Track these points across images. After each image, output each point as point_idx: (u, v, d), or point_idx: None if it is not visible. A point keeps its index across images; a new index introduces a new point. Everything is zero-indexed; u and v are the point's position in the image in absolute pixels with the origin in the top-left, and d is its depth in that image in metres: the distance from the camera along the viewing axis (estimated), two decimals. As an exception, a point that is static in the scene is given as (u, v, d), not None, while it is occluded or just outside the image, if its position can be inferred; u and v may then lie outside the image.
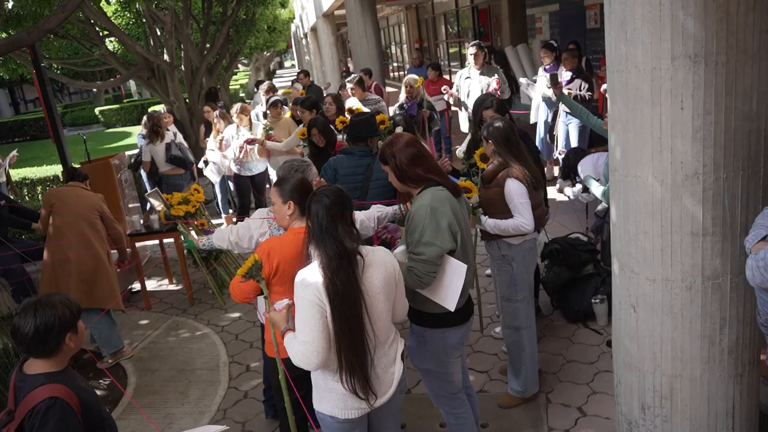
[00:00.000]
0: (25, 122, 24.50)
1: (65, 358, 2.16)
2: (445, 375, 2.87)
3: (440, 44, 19.02)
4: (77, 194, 4.73)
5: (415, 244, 2.62)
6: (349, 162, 4.01)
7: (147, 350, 4.96)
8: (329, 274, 2.17)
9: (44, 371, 2.09)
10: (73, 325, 2.12)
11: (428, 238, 2.59)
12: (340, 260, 2.19)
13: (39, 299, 2.11)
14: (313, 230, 2.26)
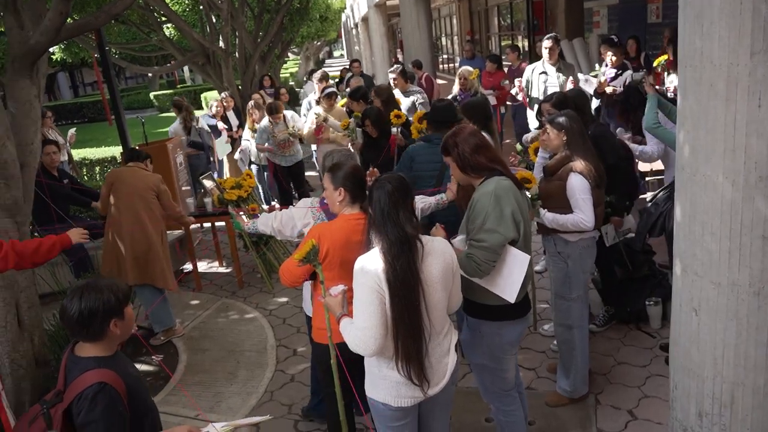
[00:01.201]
0: (84, 104, 25.31)
1: (113, 343, 2.15)
2: (499, 371, 2.85)
3: (492, 37, 18.78)
4: (135, 174, 4.83)
5: (477, 230, 2.60)
6: (426, 150, 3.99)
7: (198, 330, 5.08)
8: (390, 260, 2.18)
9: (94, 355, 2.09)
10: (119, 312, 2.09)
11: (491, 225, 2.57)
12: (401, 246, 2.20)
13: (87, 283, 2.10)
14: (375, 216, 2.27)
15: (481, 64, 9.61)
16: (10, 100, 3.96)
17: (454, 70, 22.42)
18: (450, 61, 24.15)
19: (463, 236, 2.74)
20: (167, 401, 4.08)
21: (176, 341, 4.89)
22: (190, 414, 3.92)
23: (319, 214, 3.24)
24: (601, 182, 3.35)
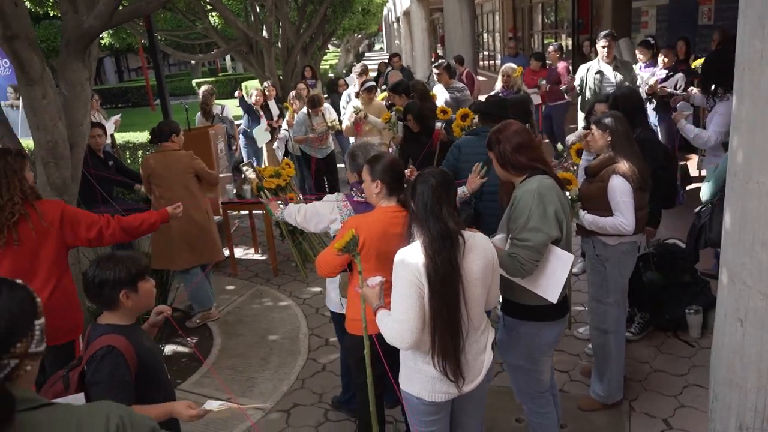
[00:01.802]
0: (128, 89, 25.84)
1: (129, 314, 2.24)
2: (535, 372, 2.83)
3: (535, 34, 18.54)
4: (167, 161, 4.77)
5: (520, 229, 2.57)
6: (474, 142, 3.97)
7: (232, 314, 5.16)
8: (431, 254, 2.17)
9: (111, 322, 2.20)
10: (130, 284, 2.18)
11: (535, 224, 2.54)
12: (443, 241, 2.19)
13: (108, 254, 2.23)
14: (417, 210, 2.26)
15: (525, 61, 9.50)
16: (62, 82, 4.06)
17: (494, 67, 22.24)
18: (490, 58, 23.96)
19: (503, 235, 2.72)
20: (201, 383, 4.15)
21: (211, 325, 4.97)
22: (223, 397, 3.98)
23: (346, 210, 3.22)
24: (645, 186, 3.27)
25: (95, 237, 3.18)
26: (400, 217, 2.69)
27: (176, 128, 4.88)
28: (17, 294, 1.35)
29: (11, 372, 1.27)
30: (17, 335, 1.29)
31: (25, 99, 3.84)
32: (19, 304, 1.33)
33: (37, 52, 3.78)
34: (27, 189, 3.02)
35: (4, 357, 1.26)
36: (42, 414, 1.28)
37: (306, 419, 3.72)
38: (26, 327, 1.32)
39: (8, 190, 2.92)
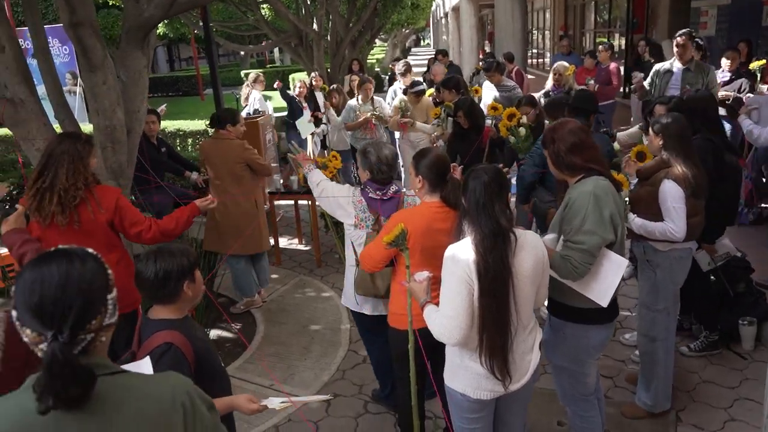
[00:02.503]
0: (179, 78, 26.41)
1: (184, 306, 2.21)
2: (581, 375, 2.78)
3: (587, 33, 18.16)
4: (219, 148, 4.84)
5: (575, 231, 2.53)
6: None
7: (275, 303, 5.23)
8: (482, 252, 2.16)
9: (165, 317, 2.16)
10: (190, 274, 2.15)
11: (590, 227, 2.50)
12: (495, 238, 2.17)
13: (160, 247, 2.17)
14: (469, 206, 2.25)
15: (578, 60, 9.32)
16: (122, 69, 4.16)
17: (542, 65, 21.87)
18: (539, 56, 23.57)
19: (554, 235, 2.68)
20: (244, 368, 4.23)
21: (255, 312, 5.05)
22: (265, 383, 4.05)
23: (360, 206, 3.22)
24: (700, 192, 3.15)
25: (134, 235, 3.27)
26: (444, 213, 2.69)
27: (233, 117, 4.91)
28: (91, 265, 1.35)
29: (87, 344, 1.30)
30: (92, 312, 1.30)
31: (87, 84, 3.97)
32: (93, 276, 1.34)
33: (99, 39, 3.89)
34: (89, 175, 3.12)
35: (80, 333, 1.28)
36: (116, 380, 1.32)
37: (346, 410, 3.74)
38: (100, 302, 1.33)
39: (73, 175, 3.02)
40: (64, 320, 1.26)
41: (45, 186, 3.00)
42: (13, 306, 1.29)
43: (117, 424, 1.29)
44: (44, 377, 1.21)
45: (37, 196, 3.01)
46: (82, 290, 1.30)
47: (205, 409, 1.42)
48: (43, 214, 3.01)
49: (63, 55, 11.50)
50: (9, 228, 2.61)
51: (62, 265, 1.31)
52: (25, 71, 3.84)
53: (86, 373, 1.24)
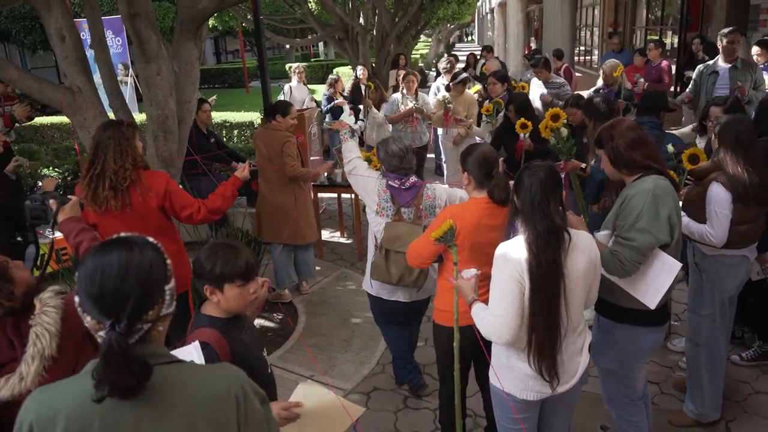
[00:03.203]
0: (225, 71, 26.82)
1: (228, 308, 2.13)
2: (629, 379, 2.72)
3: (637, 30, 17.70)
4: (264, 138, 4.89)
5: (627, 228, 2.47)
6: None
7: (317, 295, 5.27)
8: (535, 251, 2.12)
9: (211, 314, 2.12)
10: (214, 282, 2.07)
11: (644, 225, 2.44)
12: (549, 237, 2.13)
13: (216, 244, 2.14)
14: (523, 204, 2.21)
15: (629, 58, 9.10)
16: (175, 60, 4.24)
17: (590, 63, 21.42)
18: (587, 54, 23.09)
19: (608, 231, 2.63)
20: (285, 358, 4.28)
21: (297, 302, 5.11)
22: (305, 373, 4.09)
23: (385, 195, 3.33)
24: (748, 199, 2.97)
25: (185, 217, 3.34)
26: (493, 209, 2.66)
27: (283, 109, 4.97)
28: (150, 255, 1.37)
29: (144, 334, 1.32)
30: (150, 302, 1.32)
31: (141, 75, 4.05)
32: (151, 267, 1.35)
33: (155, 30, 3.97)
34: (137, 155, 3.20)
35: (137, 323, 1.30)
36: (172, 369, 1.35)
37: (385, 404, 3.75)
38: (158, 293, 1.35)
39: (121, 157, 3.10)
40: (122, 310, 1.28)
41: (97, 173, 3.10)
42: (76, 292, 1.33)
43: (171, 414, 1.31)
44: (101, 366, 1.24)
45: (91, 185, 3.11)
46: (141, 281, 1.31)
47: (257, 402, 1.43)
48: (98, 201, 3.10)
49: (116, 46, 11.79)
50: (65, 216, 2.68)
51: (122, 254, 1.33)
52: (83, 61, 3.95)
53: (141, 364, 1.25)
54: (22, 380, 1.83)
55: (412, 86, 6.94)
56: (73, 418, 1.27)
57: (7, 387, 1.82)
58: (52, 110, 9.62)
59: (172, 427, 1.31)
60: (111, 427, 1.28)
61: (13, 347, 1.88)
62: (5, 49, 22.17)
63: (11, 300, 1.90)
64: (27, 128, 11.11)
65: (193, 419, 1.32)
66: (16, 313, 1.92)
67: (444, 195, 3.36)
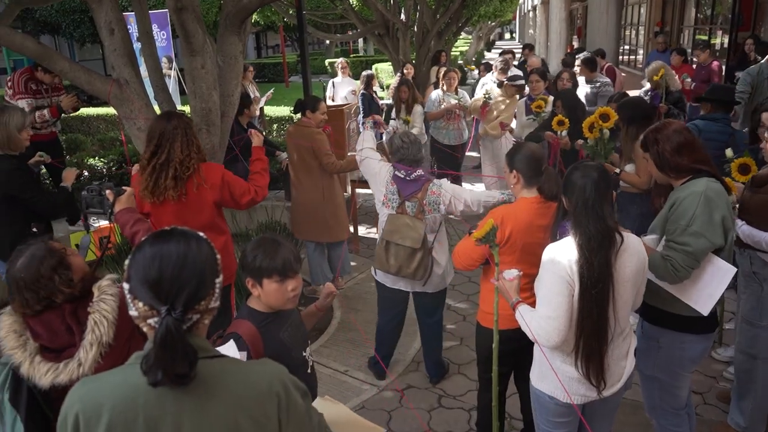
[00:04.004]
0: (266, 65, 27.11)
1: (268, 303, 2.16)
2: (673, 388, 2.65)
3: (685, 29, 17.23)
4: (295, 136, 4.87)
5: (680, 232, 2.41)
6: (713, 127, 4.21)
7: (352, 290, 5.28)
8: (587, 254, 2.08)
9: (253, 308, 2.15)
10: (254, 275, 2.12)
11: (698, 229, 2.37)
12: (602, 240, 2.08)
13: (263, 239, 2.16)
14: (576, 205, 2.15)
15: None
16: (219, 54, 4.29)
17: (634, 62, 20.95)
18: (631, 53, 22.59)
19: (656, 236, 2.56)
20: (320, 352, 4.29)
21: (332, 298, 5.11)
22: (340, 368, 4.10)
23: (393, 188, 3.45)
24: None
25: (246, 203, 3.37)
26: (544, 208, 2.61)
27: (312, 104, 4.92)
28: (205, 248, 1.39)
29: (192, 325, 1.34)
30: (202, 293, 1.34)
31: (186, 68, 4.11)
32: (206, 259, 1.37)
33: (201, 24, 4.02)
34: (200, 144, 3.25)
35: (189, 312, 1.32)
36: (215, 364, 1.35)
37: (419, 401, 3.73)
38: (210, 285, 1.37)
39: (187, 146, 3.14)
40: (179, 297, 1.30)
41: (161, 162, 3.11)
42: (126, 278, 1.33)
43: (213, 408, 1.31)
44: (155, 351, 1.25)
45: (153, 174, 3.12)
46: (197, 271, 1.34)
47: (298, 397, 1.43)
48: (158, 191, 3.13)
49: (160, 40, 12.04)
50: (121, 207, 2.73)
51: (180, 244, 1.35)
52: (131, 54, 4.03)
53: (193, 352, 1.27)
54: (80, 366, 1.88)
55: (452, 83, 6.89)
56: (117, 410, 1.29)
57: (66, 372, 1.88)
58: (98, 101, 9.89)
59: (213, 422, 1.32)
60: (155, 420, 1.29)
61: (71, 333, 1.93)
62: (55, 41, 22.83)
63: (70, 287, 1.95)
64: (73, 119, 11.41)
65: (234, 415, 1.33)
66: (74, 299, 1.96)
67: (449, 193, 3.41)
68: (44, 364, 1.88)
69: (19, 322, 1.93)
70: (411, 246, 3.36)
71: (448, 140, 7.07)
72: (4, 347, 1.89)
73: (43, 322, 1.93)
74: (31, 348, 1.90)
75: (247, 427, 1.34)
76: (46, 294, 1.91)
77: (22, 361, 1.87)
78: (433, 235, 3.52)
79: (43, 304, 1.91)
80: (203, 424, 1.31)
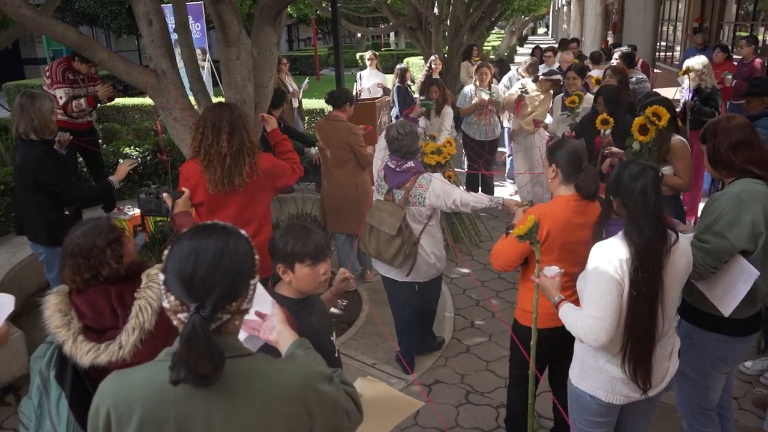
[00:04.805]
0: (297, 58, 27.21)
1: (299, 288, 2.17)
2: (703, 387, 2.60)
3: (725, 26, 16.79)
4: (329, 129, 4.90)
5: (704, 229, 2.37)
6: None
7: (381, 284, 5.26)
8: (643, 256, 2.03)
9: (283, 294, 2.16)
10: (285, 261, 2.13)
11: (720, 228, 2.33)
12: (658, 242, 2.04)
13: (292, 225, 2.18)
14: (634, 206, 2.08)
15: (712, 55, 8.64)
16: (254, 45, 4.31)
17: (670, 59, 20.51)
18: (668, 50, 22.12)
19: (690, 233, 2.51)
20: (348, 345, 4.31)
21: (361, 291, 5.13)
22: (368, 361, 4.11)
23: (380, 173, 3.65)
24: None
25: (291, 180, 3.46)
26: (582, 206, 2.57)
27: (345, 99, 4.95)
28: (243, 247, 1.37)
29: (222, 324, 1.32)
30: (235, 294, 1.32)
31: (222, 59, 4.14)
32: (243, 258, 1.35)
33: (237, 15, 4.04)
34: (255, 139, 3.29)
35: (219, 312, 1.30)
36: (245, 363, 1.35)
37: (447, 397, 3.72)
38: (244, 286, 1.35)
39: (247, 137, 3.17)
40: (209, 296, 1.28)
41: (234, 150, 3.11)
42: (163, 269, 1.33)
43: (243, 407, 1.31)
44: (180, 348, 1.25)
45: (226, 163, 3.11)
46: (232, 270, 1.32)
47: (326, 387, 1.43)
48: (228, 181, 3.13)
49: (195, 32, 12.16)
50: (179, 210, 2.72)
51: (218, 241, 1.33)
52: (168, 45, 4.07)
53: (218, 352, 1.25)
54: (121, 349, 1.93)
55: (485, 78, 6.82)
56: (149, 407, 1.29)
57: (106, 353, 1.92)
58: (133, 92, 10.05)
59: (243, 420, 1.32)
60: (185, 419, 1.29)
61: (115, 315, 1.98)
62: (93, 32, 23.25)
63: (118, 263, 2.01)
64: (109, 109, 11.62)
65: (265, 413, 1.33)
66: (119, 280, 2.02)
67: (438, 189, 3.48)
68: (86, 343, 1.93)
69: (65, 302, 1.99)
70: (388, 232, 3.52)
71: (480, 135, 7.01)
72: (49, 325, 1.95)
73: (89, 301, 1.99)
74: (75, 327, 1.95)
75: (277, 426, 1.34)
76: (96, 264, 1.98)
77: (65, 340, 1.93)
78: (421, 226, 3.59)
79: (92, 273, 1.98)
80: (234, 422, 1.31)
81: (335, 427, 1.46)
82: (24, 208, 3.97)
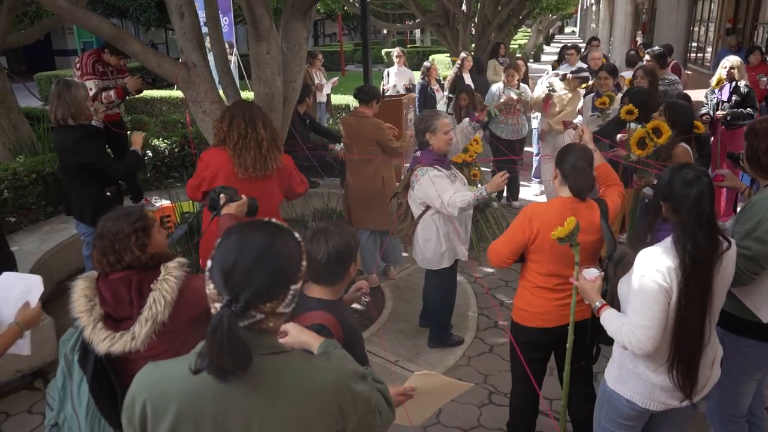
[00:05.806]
0: (323, 54, 27.19)
1: (342, 287, 2.17)
2: (732, 393, 2.55)
3: (759, 27, 16.42)
4: (355, 125, 4.90)
5: (744, 236, 2.32)
6: None
7: (404, 281, 5.27)
8: (696, 265, 1.99)
9: (320, 297, 2.12)
10: (356, 256, 2.13)
11: (761, 234, 2.28)
12: (713, 253, 2.01)
13: (328, 227, 2.14)
14: (689, 215, 2.01)
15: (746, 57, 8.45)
16: (284, 40, 4.33)
17: (701, 60, 20.14)
18: (699, 51, 21.73)
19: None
20: (371, 341, 4.31)
21: (384, 287, 5.13)
22: (390, 358, 4.11)
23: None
24: None
25: (300, 192, 3.60)
26: (578, 209, 2.57)
27: (373, 95, 4.96)
28: (290, 248, 1.35)
29: (255, 323, 1.30)
30: (271, 295, 1.30)
31: (252, 53, 4.16)
32: (287, 260, 1.33)
33: (268, 10, 4.06)
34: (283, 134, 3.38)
35: (252, 310, 1.28)
36: (281, 359, 1.34)
37: (469, 397, 3.70)
38: (283, 289, 1.32)
39: (271, 129, 3.34)
40: (244, 292, 1.27)
41: (268, 137, 3.29)
42: (211, 257, 1.33)
43: (280, 405, 1.31)
44: (207, 339, 1.25)
45: (262, 149, 3.26)
46: (272, 271, 1.30)
47: (360, 386, 1.42)
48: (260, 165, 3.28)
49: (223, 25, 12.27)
50: (228, 212, 2.71)
51: (265, 239, 1.33)
52: (199, 38, 4.10)
53: (243, 349, 1.24)
54: (134, 339, 1.95)
55: (512, 78, 6.77)
56: (186, 402, 1.30)
57: (120, 342, 1.96)
58: (161, 84, 10.15)
59: (281, 417, 1.32)
60: (222, 415, 1.29)
61: (132, 306, 2.00)
62: (123, 24, 23.56)
63: (141, 251, 2.03)
64: (138, 100, 11.76)
65: (303, 409, 1.33)
66: (143, 269, 2.04)
67: (423, 185, 3.66)
68: (104, 331, 1.97)
69: (92, 288, 2.04)
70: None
71: (506, 135, 6.95)
72: (74, 309, 2.00)
73: (112, 288, 2.02)
74: (96, 314, 1.99)
75: (315, 422, 1.34)
76: (120, 248, 2.01)
77: (86, 325, 1.97)
78: (418, 211, 3.85)
79: (116, 257, 2.02)
80: (271, 419, 1.31)
81: (368, 426, 1.46)
82: (69, 190, 4.27)
